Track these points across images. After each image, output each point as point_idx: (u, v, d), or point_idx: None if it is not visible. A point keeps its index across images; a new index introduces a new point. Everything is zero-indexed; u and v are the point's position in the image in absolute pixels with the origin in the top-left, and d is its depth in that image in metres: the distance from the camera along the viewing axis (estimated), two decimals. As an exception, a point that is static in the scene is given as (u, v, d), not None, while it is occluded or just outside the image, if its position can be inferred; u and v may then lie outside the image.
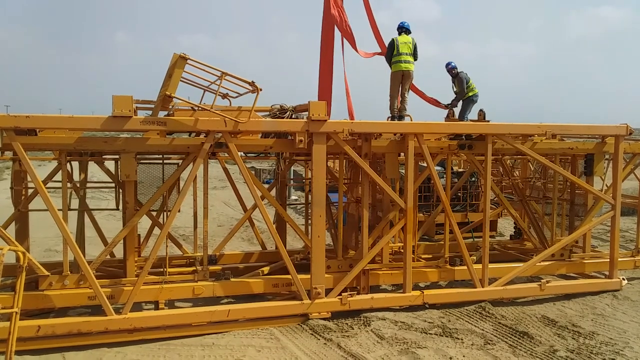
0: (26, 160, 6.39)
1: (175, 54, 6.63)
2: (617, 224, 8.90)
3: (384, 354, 6.37)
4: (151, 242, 7.97)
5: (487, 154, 8.16)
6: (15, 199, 7.52)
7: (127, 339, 6.59)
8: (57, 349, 6.32)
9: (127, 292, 6.89)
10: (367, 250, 7.80)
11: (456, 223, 8.29)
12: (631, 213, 13.94)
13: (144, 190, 7.77)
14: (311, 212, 7.58)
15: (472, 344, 6.71)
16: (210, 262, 7.83)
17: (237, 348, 6.51)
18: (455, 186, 11.65)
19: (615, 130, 8.76)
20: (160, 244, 6.97)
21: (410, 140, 7.69)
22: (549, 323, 7.48)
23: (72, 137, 6.84)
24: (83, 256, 6.76)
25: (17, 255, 4.90)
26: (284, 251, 7.45)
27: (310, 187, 7.97)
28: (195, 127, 6.88)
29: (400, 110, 9.57)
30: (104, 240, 8.29)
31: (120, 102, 6.47)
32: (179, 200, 7.05)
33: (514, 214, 10.14)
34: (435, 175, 8.03)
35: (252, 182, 7.33)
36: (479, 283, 8.14)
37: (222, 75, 6.71)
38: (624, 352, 6.57)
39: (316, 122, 7.19)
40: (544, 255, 8.73)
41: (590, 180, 9.24)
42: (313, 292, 7.34)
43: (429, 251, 9.86)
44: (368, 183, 7.89)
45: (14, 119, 6.28)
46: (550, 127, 8.39)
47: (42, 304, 6.78)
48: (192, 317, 6.93)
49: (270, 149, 7.71)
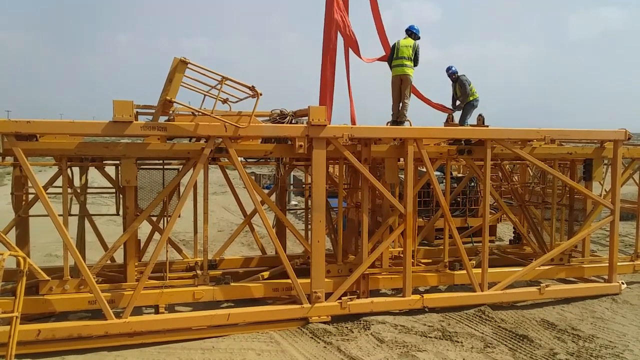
0: (27, 166, 6.42)
1: (176, 58, 6.64)
2: (616, 228, 8.92)
3: (384, 357, 6.38)
4: (151, 247, 7.99)
5: (486, 159, 8.19)
6: (16, 205, 7.54)
7: (127, 343, 6.59)
8: (57, 352, 6.32)
9: (127, 296, 6.90)
10: (367, 254, 7.82)
11: (455, 228, 8.32)
12: (630, 218, 13.96)
13: (145, 196, 7.79)
14: (311, 217, 7.60)
15: (471, 347, 6.72)
16: (210, 266, 7.84)
17: (237, 351, 6.52)
18: (454, 191, 11.69)
19: (614, 135, 8.81)
20: (160, 249, 6.99)
21: (409, 145, 7.73)
22: (549, 326, 7.50)
23: (73, 142, 6.89)
24: (83, 261, 6.78)
25: (17, 260, 4.93)
26: (283, 256, 7.47)
27: (310, 192, 8.01)
28: (195, 132, 6.91)
29: (400, 115, 9.56)
30: (105, 245, 8.31)
31: (121, 107, 6.50)
32: (179, 205, 7.07)
33: (513, 218, 10.17)
34: (434, 180, 8.05)
35: (252, 188, 7.36)
36: (479, 287, 8.15)
37: (222, 80, 6.74)
38: (623, 355, 6.59)
39: (316, 127, 7.23)
40: (543, 260, 8.75)
41: (589, 185, 9.27)
42: (313, 296, 7.36)
43: (428, 256, 9.86)
44: (368, 188, 7.91)
45: (14, 124, 6.31)
46: (549, 132, 8.43)
47: (43, 308, 6.80)
48: (192, 321, 6.94)
49: (270, 154, 7.74)
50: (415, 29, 9.69)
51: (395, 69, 9.51)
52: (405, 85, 9.50)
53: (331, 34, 9.53)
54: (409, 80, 9.52)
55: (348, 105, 9.81)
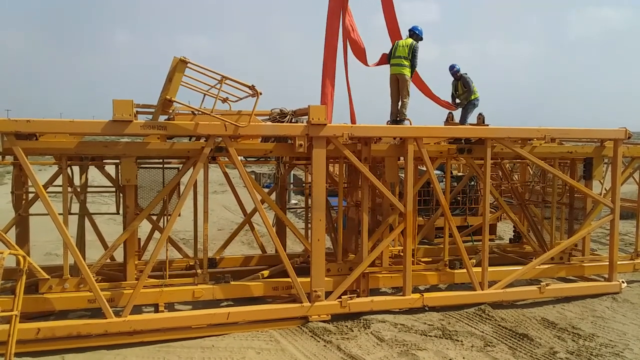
0: (27, 165, 6.42)
1: (176, 58, 6.65)
2: (616, 227, 8.92)
3: (384, 355, 6.38)
4: (151, 246, 7.99)
5: (486, 157, 8.19)
6: (16, 203, 7.54)
7: (127, 342, 6.60)
8: (57, 351, 6.33)
9: (127, 295, 6.90)
10: (367, 253, 7.82)
11: (456, 227, 8.32)
12: (630, 216, 13.94)
13: (145, 195, 7.79)
14: (311, 216, 7.60)
15: (471, 345, 6.72)
16: (210, 265, 7.85)
17: (237, 350, 6.52)
18: (454, 190, 11.68)
19: (614, 134, 8.80)
20: (160, 248, 6.99)
21: (409, 144, 7.72)
22: (549, 325, 7.49)
23: (73, 141, 6.89)
24: (83, 260, 6.78)
25: (17, 259, 4.93)
26: (283, 254, 7.46)
27: (310, 191, 8.00)
28: (195, 131, 6.91)
29: (399, 114, 9.55)
30: (104, 244, 8.31)
31: (121, 107, 6.50)
32: (179, 204, 7.07)
33: (514, 217, 10.17)
34: (434, 179, 8.05)
35: (252, 186, 7.35)
36: (479, 286, 8.15)
37: (222, 79, 6.74)
38: (623, 353, 6.59)
39: (316, 126, 7.23)
40: (543, 259, 8.75)
41: (589, 184, 9.26)
42: (313, 295, 7.36)
43: (428, 254, 9.87)
44: (368, 187, 7.91)
45: (14, 123, 6.31)
46: (549, 131, 8.42)
47: (42, 307, 6.80)
48: (192, 320, 6.95)
49: (270, 153, 7.74)
50: (418, 30, 9.62)
51: (393, 68, 9.51)
52: (402, 84, 9.46)
53: (333, 34, 9.45)
54: (405, 80, 9.46)
55: (347, 104, 9.78)
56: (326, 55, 9.45)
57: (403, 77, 9.45)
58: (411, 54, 9.43)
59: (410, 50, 9.42)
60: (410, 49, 9.43)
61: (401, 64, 9.43)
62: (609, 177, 9.19)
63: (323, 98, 9.34)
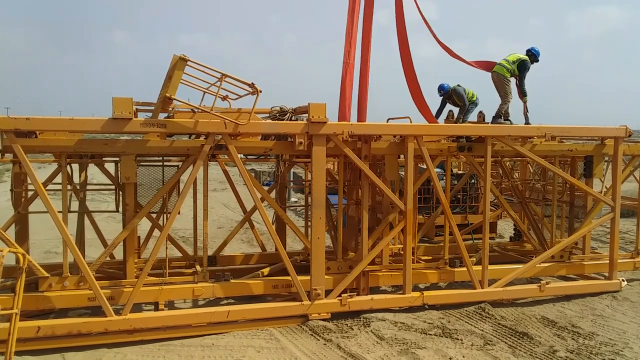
0: (26, 163, 6.41)
1: (175, 56, 6.63)
2: (616, 225, 8.91)
3: (384, 354, 6.37)
4: (151, 244, 7.98)
5: (486, 155, 8.17)
6: (15, 201, 7.54)
7: (127, 340, 6.60)
8: (57, 349, 6.33)
9: (126, 293, 6.90)
10: (367, 251, 7.81)
11: (456, 225, 8.30)
12: (630, 215, 13.95)
13: (144, 192, 7.78)
14: (311, 214, 7.59)
15: (471, 344, 6.72)
16: (210, 263, 7.84)
17: (237, 349, 6.52)
18: (454, 188, 11.67)
19: (615, 132, 8.79)
20: (160, 246, 6.98)
21: (409, 142, 7.71)
22: (549, 324, 7.49)
23: (72, 139, 6.87)
24: (83, 258, 6.78)
25: (17, 257, 4.91)
26: (283, 253, 7.46)
27: (310, 189, 7.99)
28: (195, 129, 6.90)
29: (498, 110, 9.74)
30: (104, 242, 8.31)
31: (120, 104, 6.49)
32: (179, 202, 7.07)
33: (514, 215, 10.15)
34: (434, 177, 8.04)
35: (252, 184, 7.34)
36: (479, 284, 8.15)
37: (222, 77, 6.72)
38: (623, 352, 6.58)
39: (316, 124, 7.21)
40: (543, 257, 8.74)
41: (590, 182, 9.25)
42: (313, 293, 7.35)
43: (428, 253, 9.86)
44: (368, 185, 7.90)
45: (14, 121, 6.30)
46: (549, 129, 8.41)
47: (42, 305, 6.78)
48: (192, 318, 6.95)
49: (270, 151, 7.72)
50: (535, 50, 9.84)
51: (495, 66, 9.77)
52: (498, 84, 9.75)
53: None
54: (502, 79, 9.68)
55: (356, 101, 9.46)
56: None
57: (496, 75, 9.70)
58: (519, 65, 9.63)
59: (520, 62, 9.63)
60: (520, 61, 9.64)
61: (503, 65, 9.66)
62: (610, 175, 9.18)
63: (342, 98, 8.73)
